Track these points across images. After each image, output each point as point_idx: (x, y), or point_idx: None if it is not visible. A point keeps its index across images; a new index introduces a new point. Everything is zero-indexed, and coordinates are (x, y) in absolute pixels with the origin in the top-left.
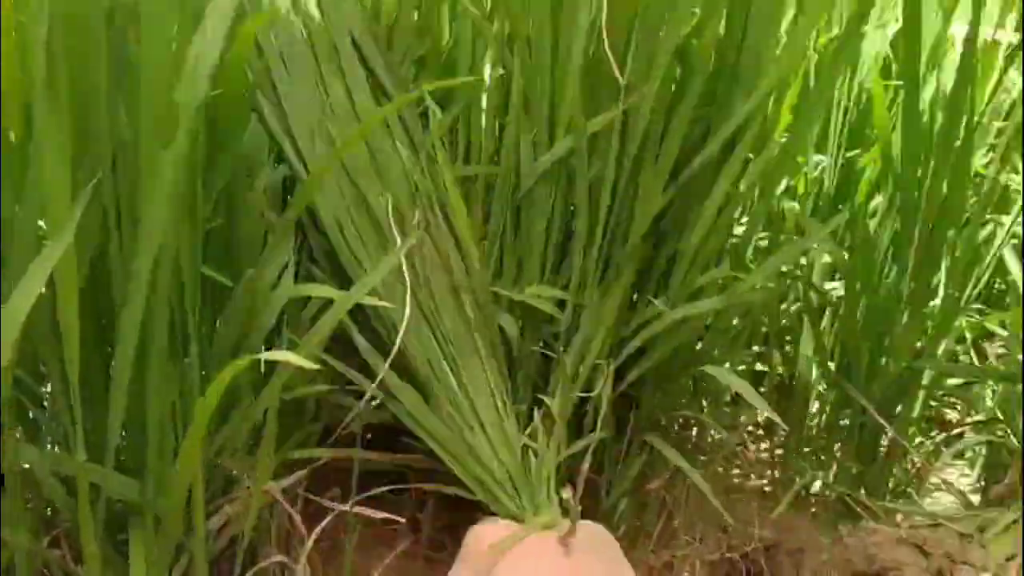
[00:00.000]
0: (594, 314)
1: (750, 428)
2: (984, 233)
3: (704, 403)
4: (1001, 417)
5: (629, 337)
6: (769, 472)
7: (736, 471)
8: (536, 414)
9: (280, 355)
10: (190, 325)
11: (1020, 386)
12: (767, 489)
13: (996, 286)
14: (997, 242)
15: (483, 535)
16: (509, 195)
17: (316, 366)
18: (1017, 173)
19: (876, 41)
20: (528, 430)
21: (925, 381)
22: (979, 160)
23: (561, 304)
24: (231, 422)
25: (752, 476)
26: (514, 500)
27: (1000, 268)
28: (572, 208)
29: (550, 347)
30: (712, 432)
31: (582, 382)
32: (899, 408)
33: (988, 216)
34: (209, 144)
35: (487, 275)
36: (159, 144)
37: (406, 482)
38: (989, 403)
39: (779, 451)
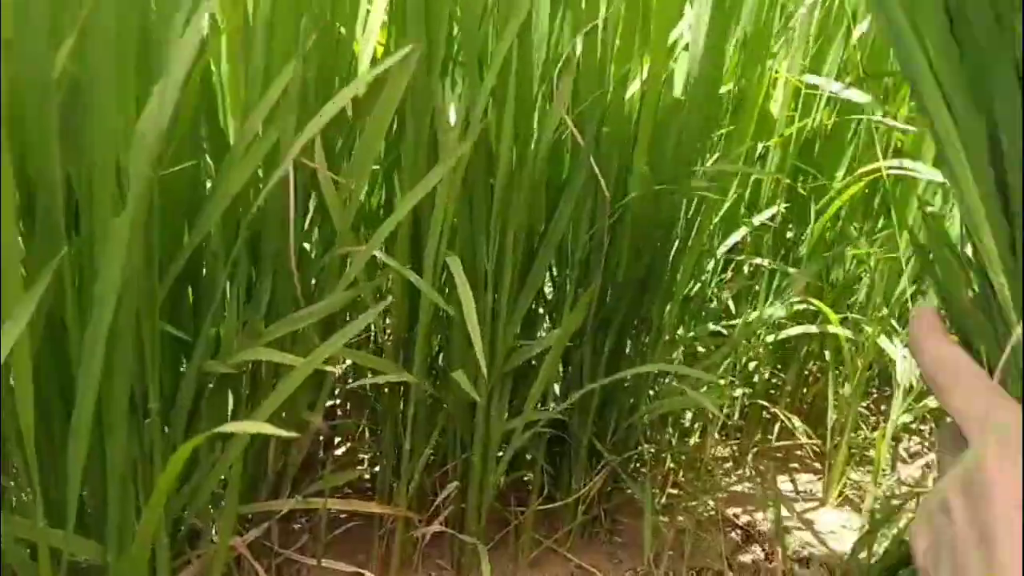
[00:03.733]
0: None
1: None
2: None
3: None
4: None
5: None
6: None
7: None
8: None
9: (240, 426)
10: (150, 384)
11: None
12: None
13: None
14: None
15: None
16: None
17: (280, 433)
18: None
19: None
20: None
21: None
22: None
23: None
24: (194, 480)
25: None
26: None
27: None
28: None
29: None
30: None
31: None
32: None
33: None
34: (166, 205)
35: None
36: (110, 211)
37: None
38: None
39: None
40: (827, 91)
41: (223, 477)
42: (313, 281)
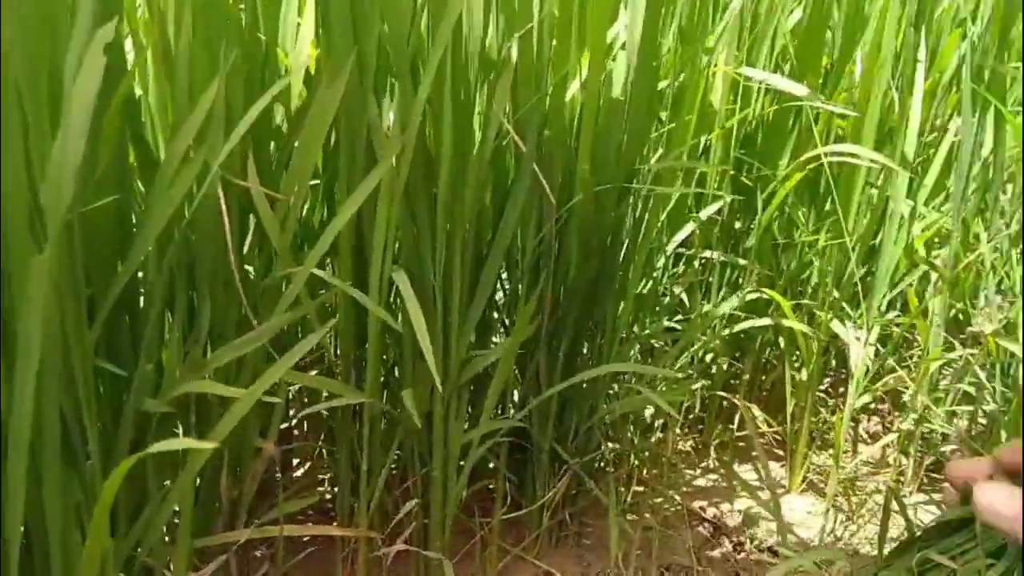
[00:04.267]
0: None
1: None
2: None
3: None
4: None
5: None
6: None
7: None
8: None
9: (177, 443)
10: (87, 424)
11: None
12: None
13: None
14: None
15: None
16: None
17: (203, 446)
18: None
19: None
20: None
21: None
22: None
23: None
24: (143, 515)
25: None
26: None
27: None
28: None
29: None
30: None
31: None
32: None
33: None
34: (94, 235)
35: None
36: (28, 251)
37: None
38: None
39: None
40: (764, 83)
41: (176, 510)
42: (256, 304)
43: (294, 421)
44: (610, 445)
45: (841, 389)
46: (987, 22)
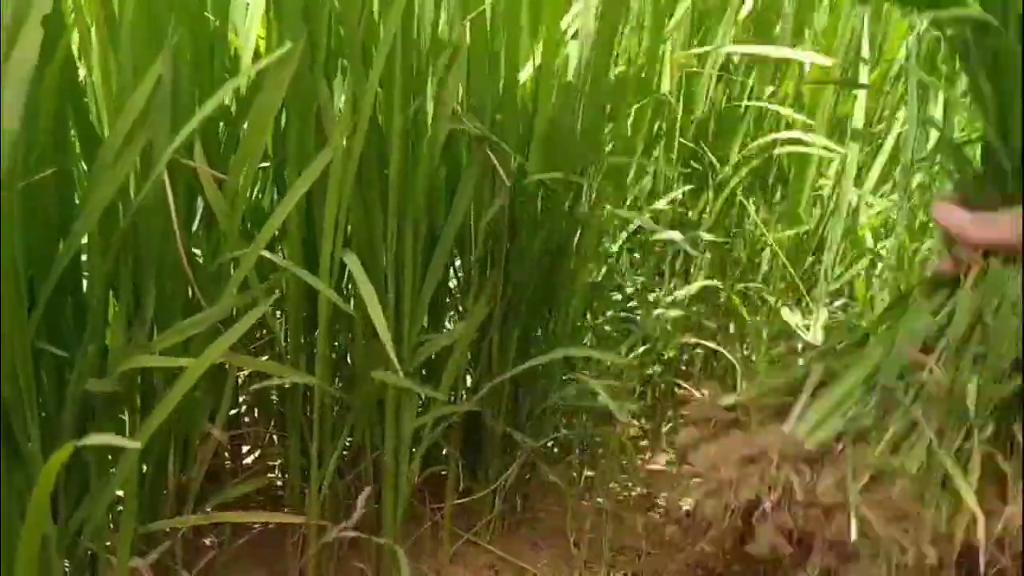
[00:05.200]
0: None
1: None
2: None
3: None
4: None
5: None
6: None
7: None
8: None
9: (105, 438)
10: (27, 409)
11: None
12: None
13: None
14: None
15: None
16: None
17: (137, 445)
18: None
19: None
20: None
21: None
22: None
23: None
24: (84, 504)
25: None
26: None
27: None
28: None
29: None
30: None
31: None
32: None
33: None
34: (33, 214)
35: None
36: None
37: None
38: None
39: None
40: (715, 74)
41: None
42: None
43: (244, 407)
44: (564, 431)
45: None
46: None
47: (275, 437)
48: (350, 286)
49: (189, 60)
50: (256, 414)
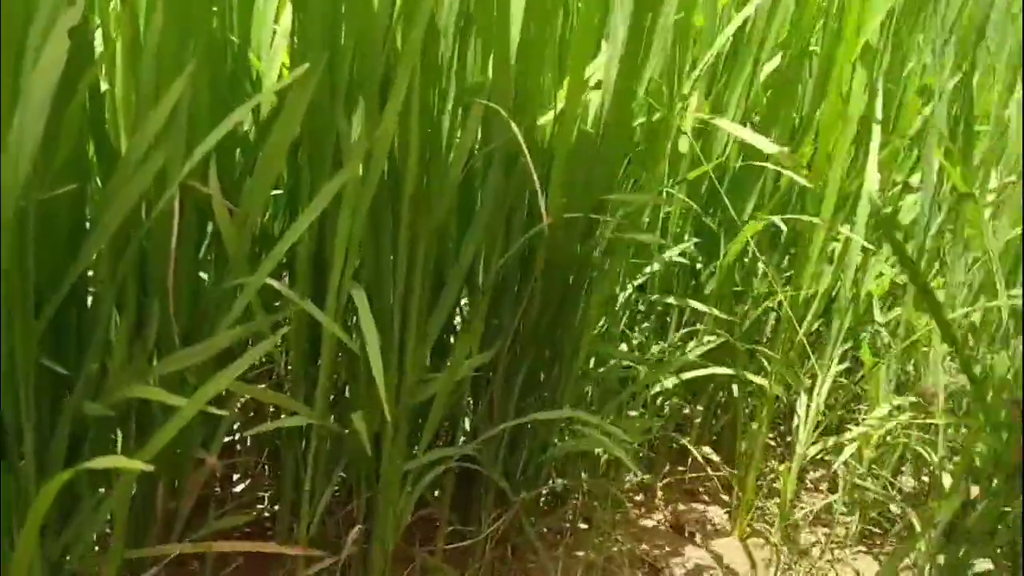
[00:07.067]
0: None
1: None
2: None
3: None
4: None
5: None
6: None
7: None
8: None
9: (111, 461)
10: (24, 423)
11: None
12: None
13: None
14: None
15: None
16: None
17: (148, 467)
18: None
19: None
20: None
21: None
22: None
23: None
24: (75, 523)
25: None
26: None
27: None
28: None
29: None
30: None
31: None
32: None
33: None
34: (48, 229)
35: None
36: None
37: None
38: None
39: None
40: (731, 134)
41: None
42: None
43: (238, 435)
44: (560, 480)
45: (791, 438)
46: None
47: (267, 467)
48: (355, 317)
49: (208, 84)
50: (248, 443)
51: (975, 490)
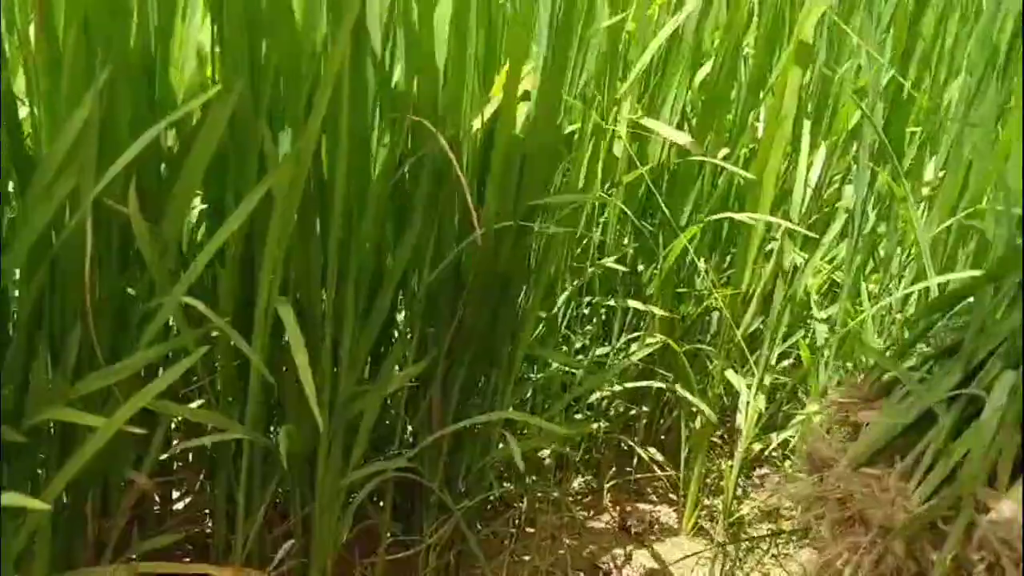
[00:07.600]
0: None
1: None
2: None
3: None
4: None
5: None
6: None
7: None
8: None
9: (10, 499)
10: None
11: None
12: None
13: None
14: None
15: None
16: None
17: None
18: None
19: None
20: None
21: None
22: None
23: None
24: None
25: None
26: None
27: None
28: None
29: None
30: None
31: None
32: None
33: None
34: None
35: None
36: None
37: None
38: None
39: None
40: (663, 136)
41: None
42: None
43: (177, 451)
44: (507, 485)
45: (735, 436)
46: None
47: (208, 484)
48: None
49: (129, 100)
50: (190, 459)
51: None
